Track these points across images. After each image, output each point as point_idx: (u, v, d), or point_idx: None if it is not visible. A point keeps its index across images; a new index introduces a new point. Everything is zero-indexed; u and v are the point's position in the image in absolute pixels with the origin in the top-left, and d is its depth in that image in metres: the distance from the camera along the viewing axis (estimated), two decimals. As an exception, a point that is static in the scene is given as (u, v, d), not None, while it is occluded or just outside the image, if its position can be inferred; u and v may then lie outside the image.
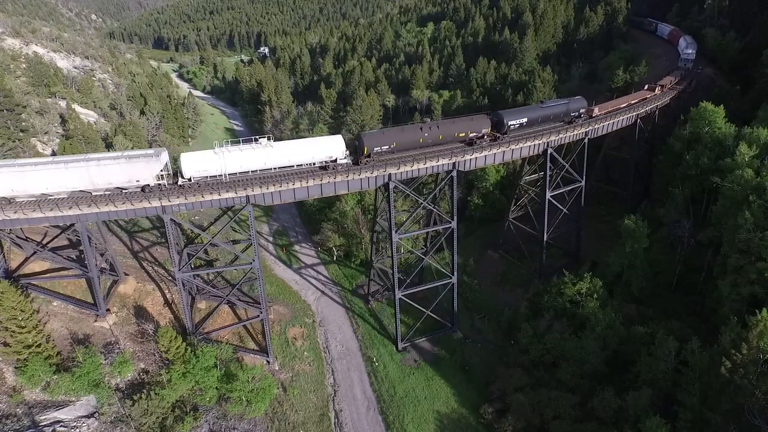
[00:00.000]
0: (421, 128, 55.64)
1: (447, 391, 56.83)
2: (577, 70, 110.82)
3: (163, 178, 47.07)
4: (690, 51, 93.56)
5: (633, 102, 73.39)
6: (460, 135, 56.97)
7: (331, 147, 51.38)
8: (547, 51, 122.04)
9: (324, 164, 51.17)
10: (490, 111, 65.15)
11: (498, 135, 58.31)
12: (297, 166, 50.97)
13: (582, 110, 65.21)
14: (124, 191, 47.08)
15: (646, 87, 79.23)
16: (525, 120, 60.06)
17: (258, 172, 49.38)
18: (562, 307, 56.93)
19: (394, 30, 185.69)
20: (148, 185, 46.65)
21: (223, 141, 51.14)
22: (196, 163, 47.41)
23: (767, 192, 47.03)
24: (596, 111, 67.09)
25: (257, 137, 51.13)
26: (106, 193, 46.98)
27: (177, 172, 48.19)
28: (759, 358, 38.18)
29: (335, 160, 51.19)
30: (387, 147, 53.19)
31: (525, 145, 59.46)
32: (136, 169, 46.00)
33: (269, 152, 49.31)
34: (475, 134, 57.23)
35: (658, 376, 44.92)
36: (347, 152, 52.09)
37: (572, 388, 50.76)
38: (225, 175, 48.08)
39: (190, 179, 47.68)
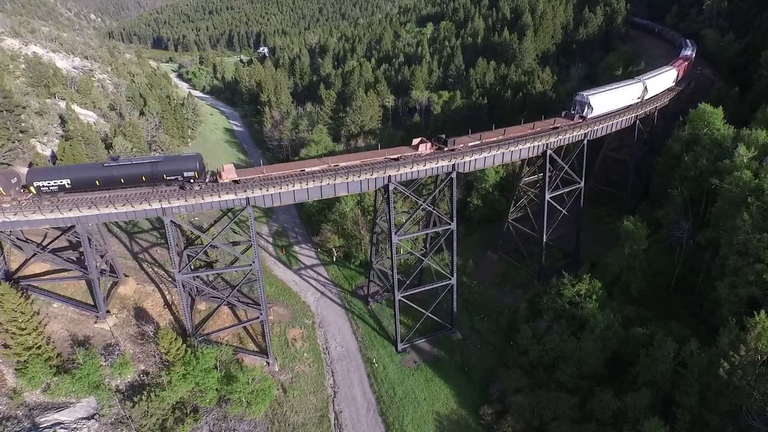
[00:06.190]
0: None
1: (446, 392, 56.97)
2: (576, 71, 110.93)
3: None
4: (588, 98, 63.41)
5: (344, 165, 52.42)
6: None
7: None
8: (546, 52, 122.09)
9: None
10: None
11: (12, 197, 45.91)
12: None
13: (189, 173, 47.54)
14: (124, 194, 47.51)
15: (416, 141, 57.02)
16: (66, 182, 46.41)
17: None
18: (561, 309, 57.05)
19: (394, 30, 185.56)
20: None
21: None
22: None
23: (765, 193, 47.15)
24: (229, 176, 49.32)
25: None
26: (106, 195, 47.39)
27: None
28: (757, 359, 38.37)
29: None
30: None
31: (524, 146, 59.60)
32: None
33: None
34: None
35: (657, 377, 45.09)
36: None
37: (571, 390, 50.87)
38: None
39: None
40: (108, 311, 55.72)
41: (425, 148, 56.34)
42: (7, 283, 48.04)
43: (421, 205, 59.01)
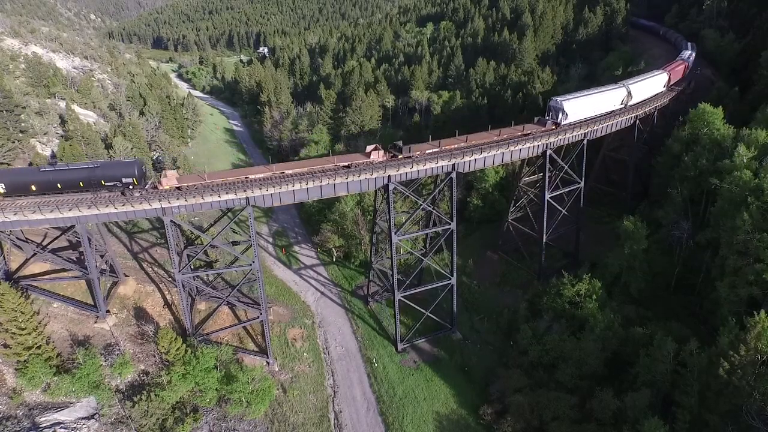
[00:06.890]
0: None
1: (446, 391, 56.97)
2: (576, 71, 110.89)
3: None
4: (562, 103, 60.37)
5: (289, 173, 51.33)
6: None
7: None
8: (546, 52, 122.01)
9: None
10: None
11: None
12: None
13: (128, 179, 47.16)
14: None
15: (369, 148, 55.40)
16: (0, 187, 45.96)
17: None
18: (561, 309, 57.04)
19: (394, 30, 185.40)
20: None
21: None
22: None
23: (765, 193, 47.16)
24: (170, 182, 48.90)
25: None
26: (105, 195, 47.42)
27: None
28: (757, 359, 38.38)
29: None
30: None
31: (524, 146, 59.56)
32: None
33: None
34: None
35: (657, 377, 45.09)
36: None
37: (571, 389, 50.87)
38: None
39: None
40: (108, 311, 55.73)
41: (378, 156, 54.98)
42: (7, 283, 48.06)
43: (421, 205, 59.04)
